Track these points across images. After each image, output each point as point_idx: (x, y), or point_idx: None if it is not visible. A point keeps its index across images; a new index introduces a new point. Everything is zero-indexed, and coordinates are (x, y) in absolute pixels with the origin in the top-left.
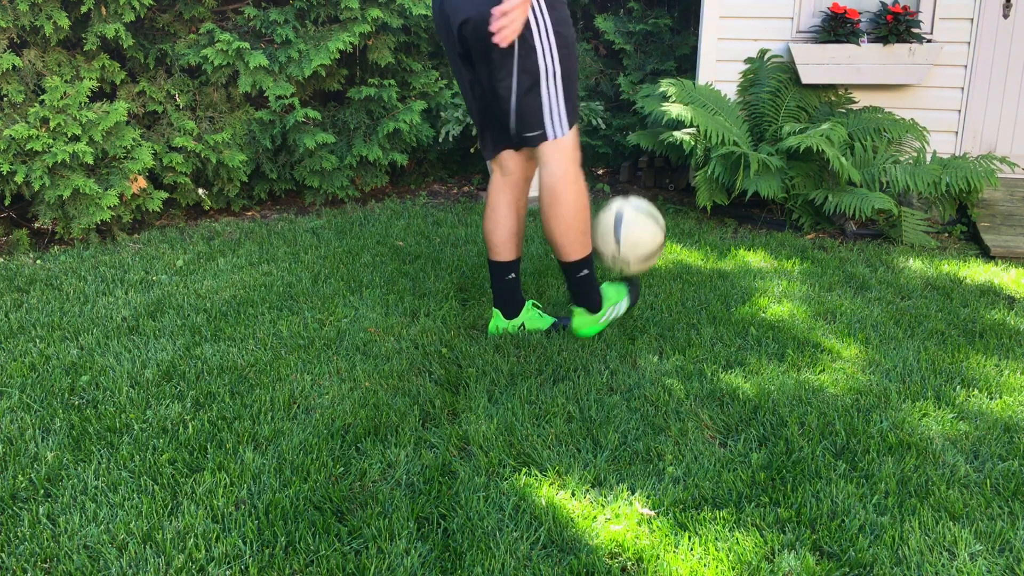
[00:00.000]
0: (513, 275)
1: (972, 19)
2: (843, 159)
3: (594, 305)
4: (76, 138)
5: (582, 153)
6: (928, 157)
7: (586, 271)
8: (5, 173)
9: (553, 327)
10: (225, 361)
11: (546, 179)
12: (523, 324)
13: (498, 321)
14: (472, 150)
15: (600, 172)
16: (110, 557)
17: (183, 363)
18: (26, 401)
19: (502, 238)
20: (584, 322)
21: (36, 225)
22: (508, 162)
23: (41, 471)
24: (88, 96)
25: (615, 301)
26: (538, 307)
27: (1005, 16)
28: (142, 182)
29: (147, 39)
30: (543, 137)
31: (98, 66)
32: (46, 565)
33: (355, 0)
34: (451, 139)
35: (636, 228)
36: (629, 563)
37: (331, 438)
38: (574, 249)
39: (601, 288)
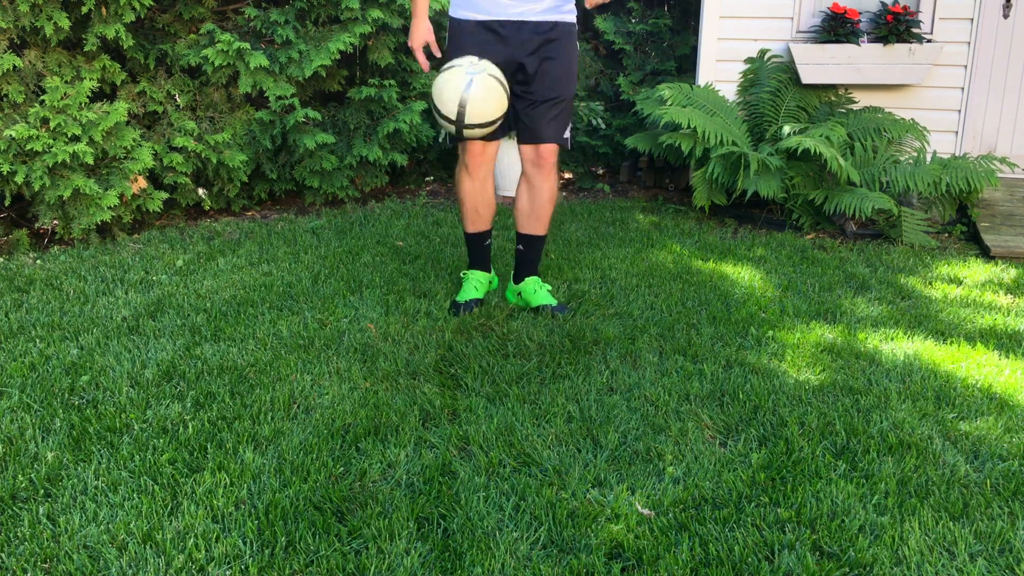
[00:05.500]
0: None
1: (972, 19)
2: (841, 159)
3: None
4: (76, 138)
5: (582, 153)
6: (928, 157)
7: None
8: (5, 173)
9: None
10: (225, 361)
11: None
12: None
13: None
14: None
15: (600, 172)
16: (110, 557)
17: (183, 363)
18: (26, 401)
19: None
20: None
21: (36, 225)
22: None
23: (41, 471)
24: (88, 96)
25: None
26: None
27: (1005, 16)
28: (142, 182)
29: (147, 39)
30: None
31: (98, 66)
32: (46, 565)
33: (356, 0)
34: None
35: (483, 91)
36: (629, 563)
37: (331, 438)
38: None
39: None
